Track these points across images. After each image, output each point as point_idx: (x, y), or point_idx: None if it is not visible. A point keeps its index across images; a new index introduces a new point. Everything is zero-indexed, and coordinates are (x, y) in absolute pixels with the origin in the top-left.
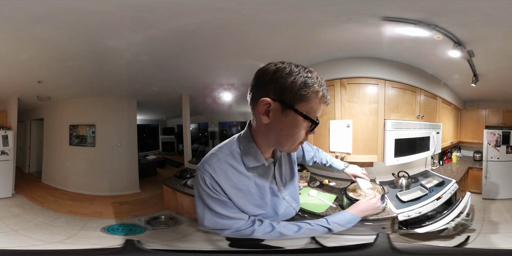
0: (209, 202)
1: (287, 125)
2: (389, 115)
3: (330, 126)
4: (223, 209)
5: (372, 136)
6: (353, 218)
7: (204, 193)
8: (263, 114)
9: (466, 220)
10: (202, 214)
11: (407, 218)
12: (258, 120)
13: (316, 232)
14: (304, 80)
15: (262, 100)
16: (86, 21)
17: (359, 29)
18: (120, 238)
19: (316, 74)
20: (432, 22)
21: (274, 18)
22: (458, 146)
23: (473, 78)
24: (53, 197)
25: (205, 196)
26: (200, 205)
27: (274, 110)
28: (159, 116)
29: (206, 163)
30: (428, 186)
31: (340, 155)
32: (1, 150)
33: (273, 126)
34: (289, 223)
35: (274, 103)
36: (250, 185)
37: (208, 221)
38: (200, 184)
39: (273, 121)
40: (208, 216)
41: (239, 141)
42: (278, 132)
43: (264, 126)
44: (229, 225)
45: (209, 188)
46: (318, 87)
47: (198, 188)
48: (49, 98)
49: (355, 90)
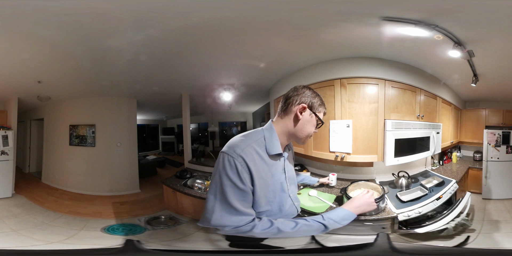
0: (229, 192)
1: (309, 123)
2: (389, 115)
3: (330, 126)
4: (239, 203)
5: (372, 136)
6: (347, 214)
7: (227, 180)
8: (300, 113)
9: (466, 220)
10: (212, 208)
11: (407, 218)
12: (289, 117)
13: (312, 229)
14: (321, 101)
15: (303, 105)
16: (86, 21)
17: (359, 29)
18: (120, 238)
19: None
20: (432, 22)
21: (274, 18)
22: (458, 146)
23: (473, 78)
24: (53, 197)
25: (227, 184)
26: (212, 197)
27: (305, 112)
28: (159, 116)
29: (237, 147)
30: (428, 186)
31: (340, 155)
32: (1, 150)
33: (301, 122)
34: (287, 219)
35: (307, 108)
36: (269, 175)
37: (216, 216)
38: (227, 170)
39: (303, 118)
40: (218, 210)
41: (264, 132)
42: (302, 126)
43: (293, 122)
44: (236, 222)
45: (237, 175)
46: (324, 105)
47: (221, 174)
48: (49, 98)
49: (355, 90)
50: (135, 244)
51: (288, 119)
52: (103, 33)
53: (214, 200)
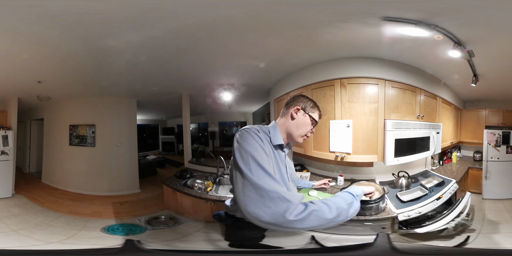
0: (257, 157)
1: (303, 123)
2: (389, 115)
3: (330, 126)
4: (270, 168)
5: (372, 136)
6: (356, 188)
7: (258, 147)
8: (295, 113)
9: (466, 220)
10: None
11: (407, 218)
12: (286, 118)
13: (346, 202)
14: (313, 104)
15: (297, 107)
16: (86, 21)
17: (359, 29)
18: (120, 238)
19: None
20: (432, 22)
21: (274, 18)
22: (458, 146)
23: (473, 78)
24: (53, 197)
25: (253, 150)
26: (239, 175)
27: (299, 113)
28: (159, 116)
29: (250, 127)
30: (428, 186)
31: (340, 155)
32: (1, 150)
33: (295, 122)
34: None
35: (301, 109)
36: (273, 160)
37: (266, 184)
38: (253, 136)
39: (297, 118)
40: (266, 179)
41: (268, 127)
42: (296, 126)
43: (289, 122)
44: (276, 188)
45: (260, 140)
46: (318, 108)
47: (250, 143)
48: (49, 98)
49: (355, 90)
50: (135, 244)
51: (286, 120)
52: (103, 33)
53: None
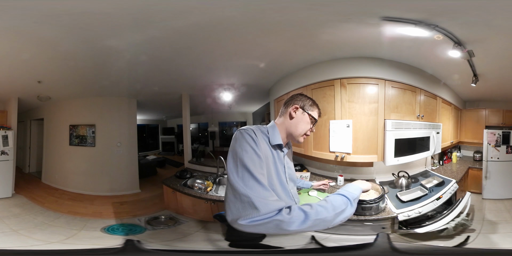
0: (247, 161)
1: (302, 121)
2: (389, 115)
3: (330, 126)
4: (260, 174)
5: (372, 136)
6: (354, 185)
7: (249, 149)
8: (294, 112)
9: (466, 220)
10: (237, 180)
11: (407, 218)
12: (285, 117)
13: (339, 203)
14: (312, 103)
15: (295, 106)
16: (86, 21)
17: (359, 29)
18: (120, 238)
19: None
20: (432, 22)
21: (274, 18)
22: (458, 146)
23: (473, 78)
24: (53, 197)
25: (248, 157)
26: (234, 168)
27: (298, 111)
28: (159, 116)
29: (246, 128)
30: (428, 186)
31: (340, 155)
32: (1, 150)
33: (294, 120)
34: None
35: (299, 108)
36: (271, 160)
37: (242, 189)
38: (246, 137)
39: (296, 117)
40: (243, 182)
41: (267, 127)
42: (296, 124)
43: (288, 121)
44: (264, 195)
45: (253, 141)
46: (317, 106)
47: (241, 145)
48: (49, 98)
49: (355, 90)
50: (135, 244)
51: (285, 119)
52: (103, 33)
53: (235, 169)
